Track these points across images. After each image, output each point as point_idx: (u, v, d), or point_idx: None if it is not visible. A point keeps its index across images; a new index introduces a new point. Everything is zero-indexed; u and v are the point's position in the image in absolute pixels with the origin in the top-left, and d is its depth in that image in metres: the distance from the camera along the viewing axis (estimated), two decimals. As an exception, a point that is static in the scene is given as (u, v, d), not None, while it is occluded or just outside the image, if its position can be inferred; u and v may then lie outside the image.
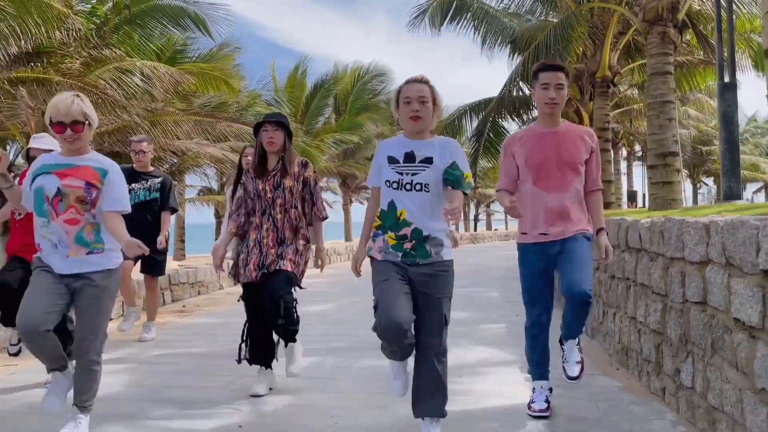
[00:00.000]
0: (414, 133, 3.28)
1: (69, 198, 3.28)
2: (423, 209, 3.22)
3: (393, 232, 3.24)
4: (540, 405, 3.66)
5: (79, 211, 3.29)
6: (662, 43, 7.63)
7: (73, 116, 3.25)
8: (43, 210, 3.28)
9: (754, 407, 2.68)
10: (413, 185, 3.22)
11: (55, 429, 3.36)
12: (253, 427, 3.53)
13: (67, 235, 3.28)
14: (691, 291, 3.36)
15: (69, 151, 3.38)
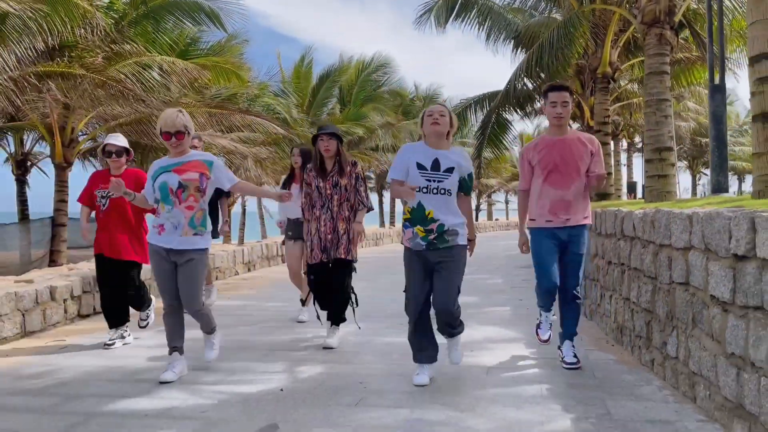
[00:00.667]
0: (435, 141, 4.12)
1: (189, 188, 4.26)
2: (446, 209, 4.10)
3: (422, 226, 4.08)
4: (545, 335, 4.72)
5: (196, 199, 4.32)
6: (659, 44, 8.10)
7: (177, 127, 4.30)
8: (168, 200, 4.30)
9: (725, 369, 3.19)
10: (439, 190, 4.06)
11: (108, 392, 3.89)
12: (293, 391, 4.04)
13: (185, 219, 4.31)
14: (677, 273, 3.86)
15: (175, 154, 4.35)
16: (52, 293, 6.43)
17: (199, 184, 4.31)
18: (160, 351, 5.20)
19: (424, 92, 33.48)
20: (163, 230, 4.38)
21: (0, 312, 5.65)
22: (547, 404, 3.68)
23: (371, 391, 4.00)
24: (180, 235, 4.34)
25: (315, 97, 24.67)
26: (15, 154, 16.78)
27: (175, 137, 4.30)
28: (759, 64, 4.72)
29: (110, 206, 5.51)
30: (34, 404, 3.86)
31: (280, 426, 3.39)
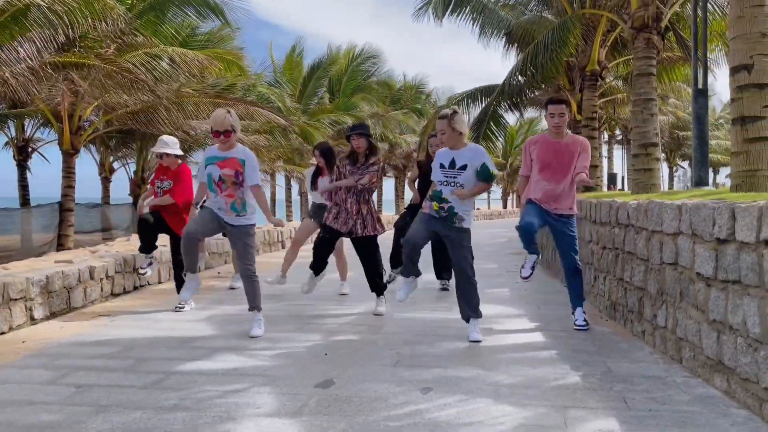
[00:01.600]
0: (451, 144, 5.10)
1: (227, 181, 5.05)
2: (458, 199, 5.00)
3: (438, 203, 5.04)
4: (526, 273, 5.51)
5: (234, 189, 5.16)
6: (647, 47, 8.78)
7: (225, 126, 5.04)
8: (212, 188, 5.11)
9: (708, 333, 3.86)
10: (453, 184, 4.99)
11: (173, 356, 4.50)
12: (336, 355, 4.65)
13: (226, 204, 5.18)
14: (667, 255, 4.53)
15: (222, 148, 5.13)
16: (92, 272, 6.96)
17: (235, 179, 5.15)
18: (201, 323, 5.81)
19: (412, 82, 34.07)
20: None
21: (51, 288, 6.18)
22: (557, 365, 4.34)
23: (404, 356, 4.63)
24: (224, 214, 5.26)
25: (306, 86, 25.15)
26: (16, 140, 17.07)
27: (223, 135, 5.10)
28: (739, 74, 5.39)
29: (163, 194, 6.68)
30: (112, 365, 4.43)
31: (335, 381, 4.00)
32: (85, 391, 3.82)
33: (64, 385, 3.97)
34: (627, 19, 9.17)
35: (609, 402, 3.57)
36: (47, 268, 6.56)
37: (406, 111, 29.89)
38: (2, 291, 5.49)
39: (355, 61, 28.06)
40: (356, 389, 3.83)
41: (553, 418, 3.32)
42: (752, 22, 5.30)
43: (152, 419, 3.35)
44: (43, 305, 6.04)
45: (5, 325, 5.50)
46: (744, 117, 5.36)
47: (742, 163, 5.35)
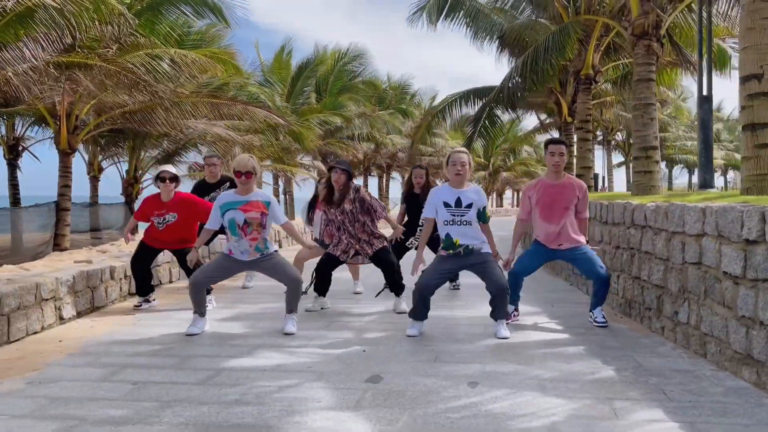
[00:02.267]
0: (457, 184, 5.29)
1: (253, 225, 5.23)
2: (469, 235, 5.29)
3: (451, 250, 5.25)
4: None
5: (259, 232, 5.33)
6: (647, 54, 9.08)
7: (248, 168, 5.30)
8: (236, 232, 5.25)
9: (736, 329, 4.11)
10: (462, 222, 5.22)
11: (216, 353, 4.63)
12: (374, 352, 4.81)
13: (251, 247, 5.36)
14: (689, 255, 4.77)
15: (242, 191, 5.32)
16: (112, 273, 7.02)
17: (260, 221, 5.34)
18: (229, 321, 5.94)
19: (397, 83, 34.29)
20: (232, 254, 5.46)
21: (77, 288, 6.25)
22: (589, 360, 4.56)
23: (440, 352, 4.80)
24: (248, 257, 5.44)
25: (294, 86, 25.17)
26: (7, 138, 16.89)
27: (245, 176, 5.30)
28: (749, 82, 5.67)
29: (166, 228, 6.63)
30: (159, 363, 4.54)
31: (383, 376, 4.16)
32: (143, 388, 3.94)
33: (118, 382, 4.08)
34: (627, 26, 9.48)
35: (649, 394, 3.79)
36: (70, 268, 6.62)
37: (392, 111, 30.09)
38: (35, 291, 5.55)
39: (342, 61, 28.14)
40: (406, 384, 4.00)
41: (601, 410, 3.52)
42: (762, 33, 5.57)
43: (221, 413, 3.48)
44: (70, 305, 6.11)
45: (38, 325, 5.57)
46: (755, 124, 5.63)
47: (753, 167, 5.62)
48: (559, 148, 5.65)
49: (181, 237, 6.66)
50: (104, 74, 11.14)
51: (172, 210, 6.54)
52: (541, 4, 13.96)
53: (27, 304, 5.42)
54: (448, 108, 16.59)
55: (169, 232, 6.60)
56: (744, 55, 5.74)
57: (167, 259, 8.57)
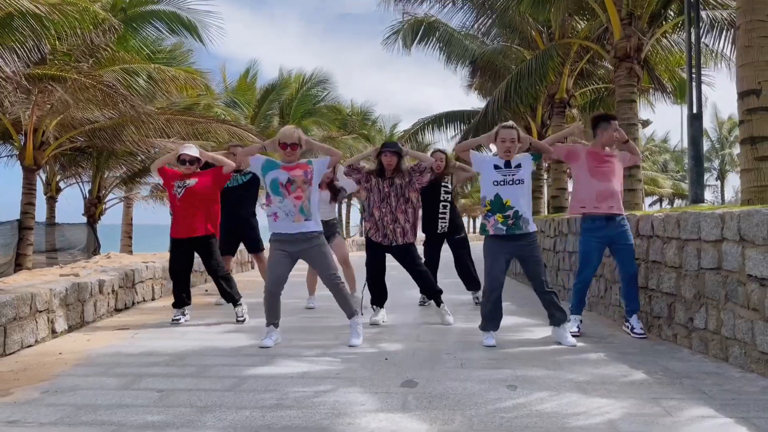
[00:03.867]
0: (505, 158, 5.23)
1: (297, 182, 5.03)
2: (520, 197, 5.15)
3: (500, 213, 5.14)
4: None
5: (303, 189, 5.11)
6: (629, 76, 9.37)
7: (293, 140, 5.15)
8: (279, 192, 5.02)
9: (763, 330, 4.17)
10: (514, 181, 5.14)
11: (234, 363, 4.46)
12: (397, 359, 4.70)
13: (295, 207, 5.10)
14: (706, 261, 4.85)
15: (285, 160, 5.15)
16: (101, 286, 6.72)
17: (305, 178, 5.15)
18: (230, 334, 5.75)
19: (360, 108, 34.49)
20: (277, 218, 5.18)
21: (68, 302, 5.95)
22: (615, 364, 4.56)
23: (463, 359, 4.73)
24: (293, 221, 5.14)
25: (259, 109, 25.03)
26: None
27: (290, 147, 5.17)
28: (748, 98, 5.89)
29: (185, 194, 6.31)
30: (177, 372, 4.33)
31: (417, 381, 4.06)
32: (171, 395, 3.73)
33: (141, 390, 3.86)
34: (610, 48, 9.78)
35: (689, 393, 3.79)
36: (60, 280, 6.30)
37: (355, 136, 30.18)
38: (30, 302, 5.26)
39: (306, 86, 28.16)
40: (444, 387, 3.91)
41: (651, 408, 3.51)
42: (760, 51, 5.81)
43: (266, 416, 3.32)
44: (62, 318, 5.80)
45: (32, 338, 5.26)
46: (754, 137, 5.83)
47: (753, 179, 5.81)
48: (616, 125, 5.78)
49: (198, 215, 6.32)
50: (79, 87, 10.84)
51: (192, 177, 6.34)
52: (516, 30, 14.31)
53: (22, 315, 5.12)
54: (421, 131, 16.73)
55: (188, 202, 6.26)
56: (742, 72, 5.96)
57: (150, 275, 8.28)
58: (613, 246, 5.67)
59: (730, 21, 10.52)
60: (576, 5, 11.26)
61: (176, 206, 6.35)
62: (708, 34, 10.84)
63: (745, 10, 6.06)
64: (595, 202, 5.59)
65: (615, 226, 5.59)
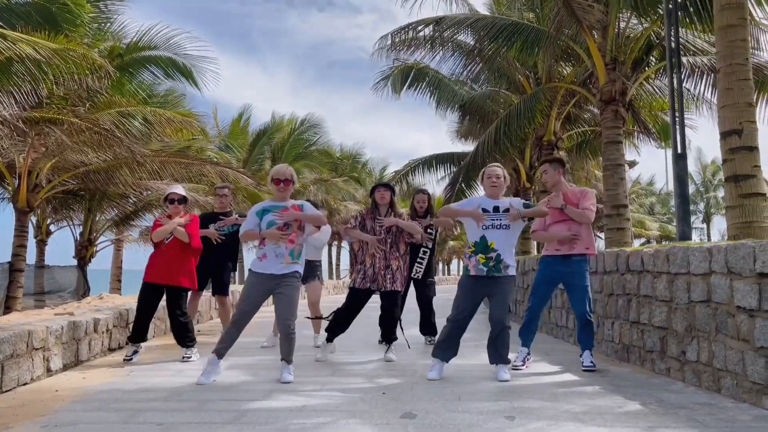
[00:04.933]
0: (493, 195, 5.41)
1: (293, 227, 5.18)
2: (505, 243, 5.32)
3: (483, 254, 5.27)
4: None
5: (297, 234, 5.17)
6: (615, 118, 9.66)
7: (286, 176, 5.30)
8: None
9: (754, 360, 4.27)
10: (501, 226, 5.31)
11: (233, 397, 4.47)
12: (394, 394, 4.73)
13: (287, 249, 5.14)
14: (696, 294, 4.97)
15: (279, 198, 5.30)
16: (96, 325, 6.72)
17: (300, 224, 5.32)
18: (227, 371, 5.74)
19: (350, 152, 34.92)
20: (265, 258, 5.27)
21: (63, 340, 5.94)
22: (610, 396, 4.61)
23: (460, 393, 4.76)
24: (281, 263, 5.26)
25: (251, 152, 25.31)
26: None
27: (283, 183, 5.33)
28: (730, 137, 6.11)
29: (169, 244, 6.48)
30: (175, 407, 4.33)
31: (416, 413, 4.10)
32: (172, 428, 3.75)
33: (142, 423, 3.87)
34: (596, 92, 10.10)
35: (685, 422, 3.86)
36: (56, 318, 6.30)
37: (346, 179, 30.48)
38: (27, 339, 5.26)
39: (297, 130, 28.56)
40: (443, 419, 3.95)
41: (647, 436, 3.57)
42: (740, 93, 6.06)
43: (268, 447, 3.34)
44: (58, 356, 5.79)
45: (28, 375, 5.24)
46: (737, 175, 6.03)
47: (738, 215, 5.98)
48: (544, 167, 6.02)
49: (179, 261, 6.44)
50: (75, 130, 10.97)
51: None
52: (504, 75, 14.71)
53: (19, 352, 5.12)
54: (411, 172, 16.97)
55: (171, 250, 6.41)
56: (723, 113, 6.20)
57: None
58: (566, 285, 5.88)
59: (710, 66, 10.91)
60: (562, 51, 11.67)
61: (160, 250, 6.49)
62: (689, 79, 11.23)
63: (725, 54, 6.34)
64: (556, 245, 5.82)
65: (570, 265, 5.78)
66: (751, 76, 6.18)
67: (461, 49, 13.72)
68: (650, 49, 10.76)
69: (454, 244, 48.46)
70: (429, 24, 12.03)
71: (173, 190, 6.61)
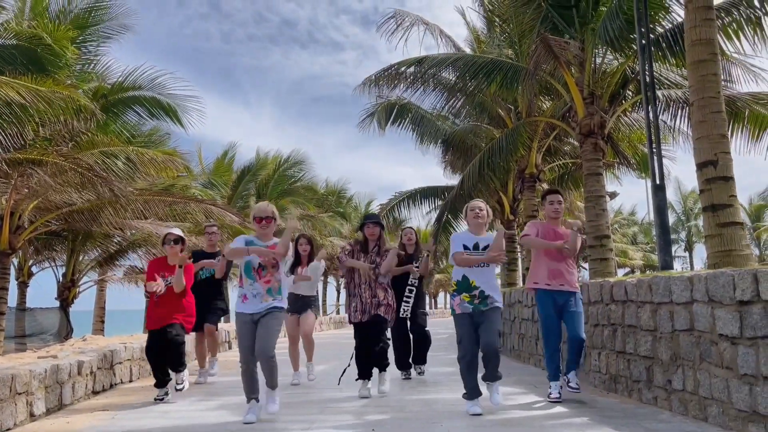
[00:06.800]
0: (476, 229, 5.50)
1: (267, 267, 5.23)
2: (486, 279, 5.41)
3: (467, 293, 5.37)
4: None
5: (272, 274, 5.33)
6: (594, 150, 9.85)
7: (267, 213, 5.36)
8: (251, 275, 5.22)
9: (738, 388, 4.31)
10: (480, 264, 5.37)
11: None
12: (384, 429, 4.71)
13: (263, 289, 5.21)
14: (679, 323, 5.04)
15: (261, 236, 5.34)
16: (80, 368, 6.63)
17: (274, 263, 5.35)
18: (214, 411, 5.71)
19: (334, 187, 35.07)
20: (246, 299, 5.33)
21: (47, 383, 5.86)
22: (599, 428, 4.63)
23: (450, 427, 4.76)
24: (260, 302, 5.31)
25: (236, 189, 25.33)
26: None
27: (265, 221, 5.37)
28: (706, 168, 6.26)
29: (167, 292, 6.55)
30: (162, 449, 4.28)
31: (406, 450, 4.09)
32: (159, 471, 3.70)
33: (128, 467, 3.82)
34: (575, 126, 10.31)
35: (672, 451, 3.88)
36: (39, 362, 6.22)
37: (331, 214, 30.55)
38: (11, 383, 5.19)
39: (282, 167, 28.67)
40: (433, 455, 3.94)
41: (636, 466, 3.58)
42: (713, 125, 6.24)
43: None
44: (41, 400, 5.70)
45: (11, 420, 5.16)
46: (714, 205, 6.16)
47: (717, 244, 6.09)
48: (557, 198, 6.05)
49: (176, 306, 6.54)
50: (59, 171, 10.96)
51: (172, 273, 6.54)
52: (485, 110, 14.97)
53: (2, 397, 5.04)
54: (397, 207, 17.08)
55: (169, 297, 6.48)
56: (698, 144, 6.36)
57: (128, 355, 8.18)
58: (563, 312, 5.89)
59: (685, 99, 11.19)
60: (541, 86, 11.93)
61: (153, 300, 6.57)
62: (665, 112, 11.52)
63: (697, 88, 6.54)
64: (547, 279, 5.86)
65: (564, 296, 5.86)
66: (724, 108, 6.37)
67: (442, 85, 13.96)
68: (626, 83, 11.03)
69: (440, 277, 48.44)
70: (411, 65, 12.28)
71: (171, 231, 6.72)
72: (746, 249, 6.06)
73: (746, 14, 8.79)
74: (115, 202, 12.37)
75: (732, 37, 9.07)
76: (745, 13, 8.81)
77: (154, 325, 6.52)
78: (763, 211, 48.72)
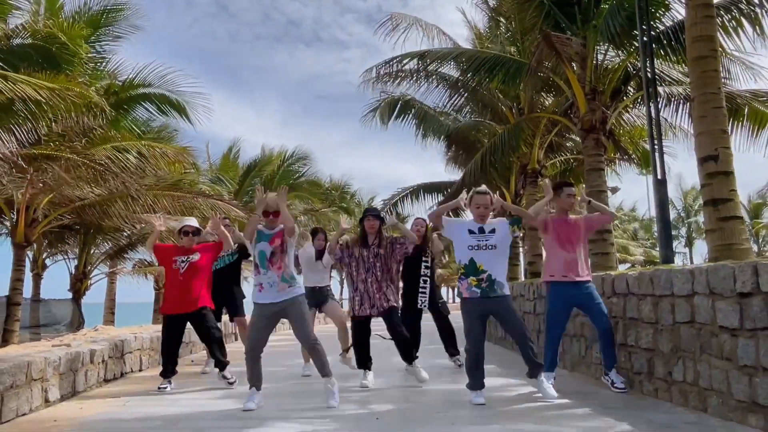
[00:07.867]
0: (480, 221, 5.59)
1: (277, 254, 5.39)
2: (494, 262, 5.41)
3: (474, 277, 5.39)
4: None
5: (281, 259, 5.47)
6: (596, 146, 9.95)
7: (275, 208, 5.48)
8: (265, 264, 5.37)
9: (738, 379, 4.42)
10: (487, 246, 5.42)
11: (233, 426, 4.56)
12: (389, 419, 4.83)
13: (278, 277, 5.33)
14: (680, 315, 5.14)
15: (269, 226, 5.51)
16: (92, 356, 6.77)
17: (281, 248, 5.50)
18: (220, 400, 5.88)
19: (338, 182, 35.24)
20: (262, 288, 5.46)
21: (61, 371, 6.00)
22: (602, 418, 4.74)
23: (454, 417, 4.87)
24: (277, 291, 5.45)
25: (242, 185, 25.44)
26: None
27: (273, 215, 5.55)
28: (707, 163, 6.36)
29: (189, 268, 6.59)
30: (176, 435, 4.41)
31: (413, 436, 4.21)
32: (174, 455, 3.83)
33: (144, 451, 3.95)
34: (577, 122, 10.40)
35: (672, 439, 3.99)
36: (54, 349, 6.36)
37: (335, 209, 30.69)
38: (27, 370, 5.32)
39: (287, 162, 28.76)
40: (439, 441, 4.06)
41: (636, 452, 3.69)
42: (714, 120, 6.33)
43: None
44: (56, 387, 5.84)
45: (27, 406, 5.30)
46: (715, 199, 6.26)
47: (718, 238, 6.19)
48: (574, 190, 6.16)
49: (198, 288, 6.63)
50: (72, 166, 11.11)
51: (194, 251, 6.66)
52: (487, 106, 15.06)
53: (19, 383, 5.18)
54: (400, 202, 17.19)
55: (189, 278, 6.56)
56: (700, 140, 6.45)
57: (138, 345, 8.31)
58: (583, 307, 5.99)
59: (686, 95, 11.27)
60: (543, 82, 12.01)
61: (176, 281, 6.60)
62: (666, 108, 11.60)
63: (698, 84, 6.64)
64: (563, 271, 5.91)
65: (581, 289, 5.92)
66: (724, 104, 6.47)
67: (445, 81, 14.06)
68: (628, 79, 11.11)
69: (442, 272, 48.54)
70: (413, 57, 12.35)
71: (187, 223, 6.79)
72: (746, 243, 6.17)
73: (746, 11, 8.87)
74: (125, 197, 12.52)
75: (731, 34, 9.15)
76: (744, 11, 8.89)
77: (175, 309, 6.58)
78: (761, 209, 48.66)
